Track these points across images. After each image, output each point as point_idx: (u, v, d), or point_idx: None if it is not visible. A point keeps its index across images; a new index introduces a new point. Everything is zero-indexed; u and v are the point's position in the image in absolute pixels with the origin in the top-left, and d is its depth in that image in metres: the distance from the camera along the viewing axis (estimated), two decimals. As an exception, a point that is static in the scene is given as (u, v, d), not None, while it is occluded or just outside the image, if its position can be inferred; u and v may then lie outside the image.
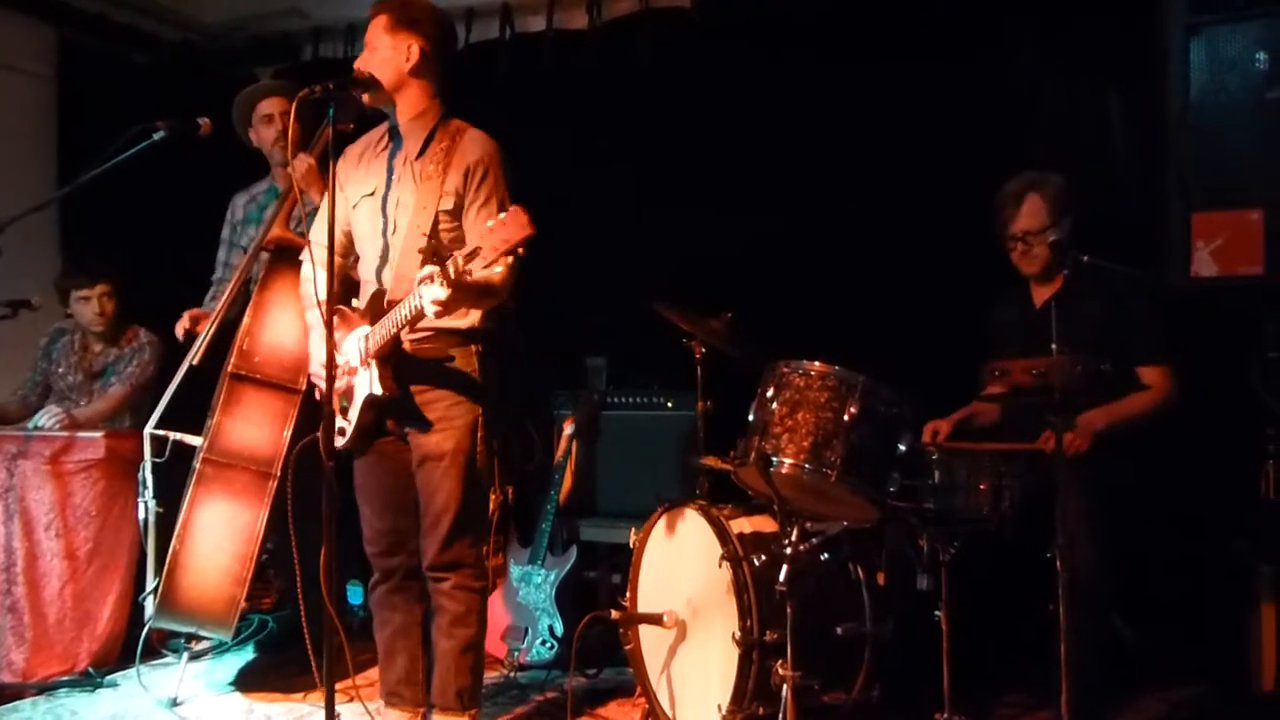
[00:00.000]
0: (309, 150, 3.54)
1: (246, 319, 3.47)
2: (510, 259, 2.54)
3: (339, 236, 2.92)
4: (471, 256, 2.35)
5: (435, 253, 2.48)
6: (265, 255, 3.58)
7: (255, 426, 3.42)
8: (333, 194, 2.64)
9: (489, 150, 2.79)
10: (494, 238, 2.32)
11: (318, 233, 2.85)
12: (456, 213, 2.75)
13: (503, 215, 2.34)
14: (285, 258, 3.52)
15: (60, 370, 4.22)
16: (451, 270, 2.39)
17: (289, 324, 3.45)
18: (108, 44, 5.21)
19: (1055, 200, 3.18)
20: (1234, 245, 3.14)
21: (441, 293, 2.43)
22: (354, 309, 2.88)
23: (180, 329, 3.79)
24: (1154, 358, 3.12)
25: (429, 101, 2.83)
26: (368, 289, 2.87)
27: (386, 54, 2.76)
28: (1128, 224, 3.53)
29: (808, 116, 4.09)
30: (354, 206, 2.89)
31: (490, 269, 2.38)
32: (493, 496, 3.57)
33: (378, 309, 2.76)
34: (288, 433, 3.41)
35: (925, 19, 3.90)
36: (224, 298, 3.67)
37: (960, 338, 3.44)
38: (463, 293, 2.49)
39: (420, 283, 2.48)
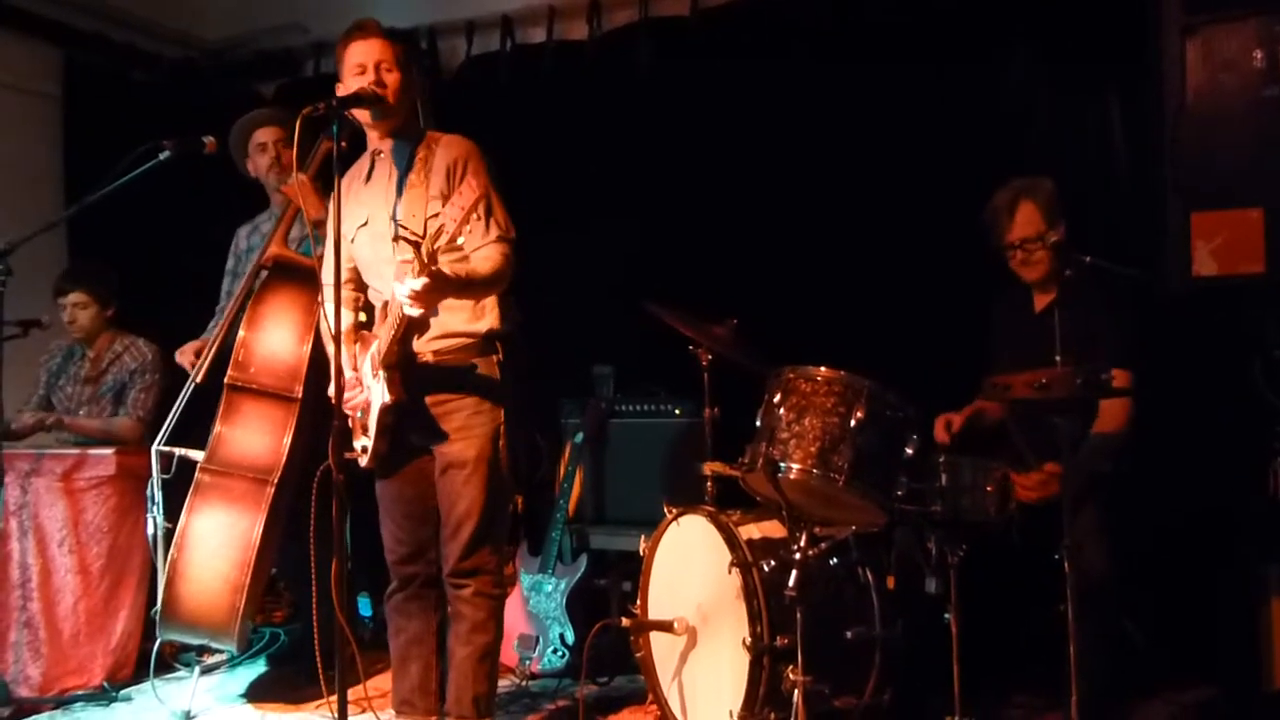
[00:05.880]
0: (304, 169, 3.57)
1: (242, 331, 3.51)
2: (505, 247, 2.71)
3: (346, 269, 2.95)
4: (439, 234, 2.40)
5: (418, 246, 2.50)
6: (264, 272, 3.62)
7: (254, 435, 3.45)
8: (338, 212, 2.67)
9: (465, 147, 2.86)
10: (453, 209, 2.38)
11: (329, 273, 2.87)
12: None
13: (461, 188, 2.40)
14: (282, 274, 3.57)
15: (61, 382, 4.22)
16: (424, 253, 2.42)
17: (283, 335, 3.50)
18: (112, 63, 5.23)
19: (1047, 204, 3.13)
20: (1234, 244, 3.15)
21: (416, 283, 2.45)
22: (373, 332, 2.92)
23: (187, 362, 3.80)
24: (1120, 359, 2.93)
25: (414, 121, 2.94)
26: (379, 313, 2.91)
27: (404, 81, 2.84)
28: (1127, 225, 3.54)
29: (807, 123, 4.10)
30: (352, 240, 2.93)
31: (465, 257, 2.49)
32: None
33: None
34: (288, 440, 3.44)
35: (923, 25, 3.91)
36: (226, 317, 3.70)
37: (963, 340, 3.44)
38: (442, 282, 2.51)
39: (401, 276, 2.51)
